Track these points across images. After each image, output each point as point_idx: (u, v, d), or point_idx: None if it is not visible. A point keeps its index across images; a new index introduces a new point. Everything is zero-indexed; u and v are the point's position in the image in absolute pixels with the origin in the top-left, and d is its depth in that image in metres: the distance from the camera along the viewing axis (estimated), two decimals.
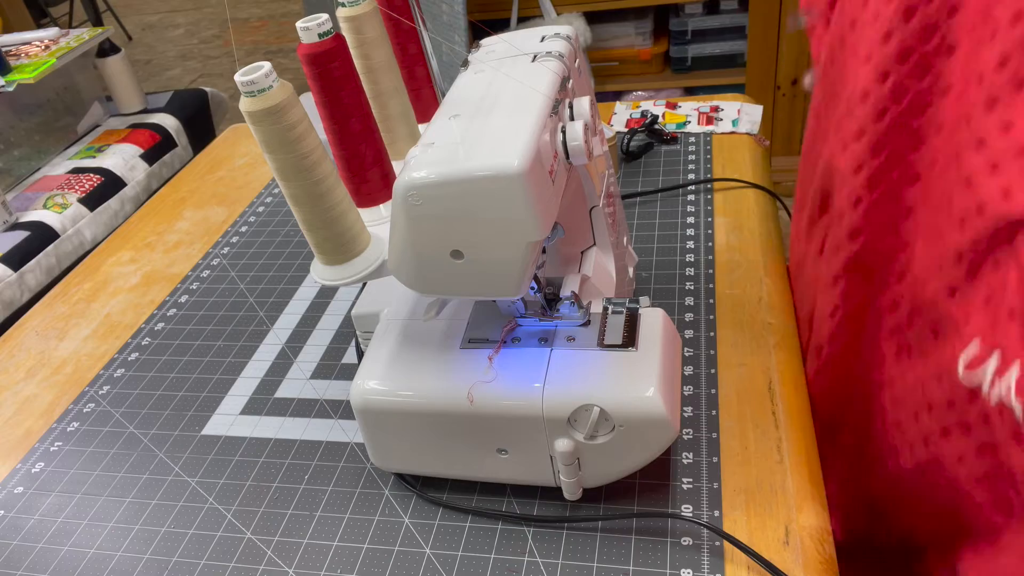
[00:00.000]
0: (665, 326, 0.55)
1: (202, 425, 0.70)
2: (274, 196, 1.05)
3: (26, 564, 0.60)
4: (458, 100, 0.52)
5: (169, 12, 4.44)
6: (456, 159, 0.45)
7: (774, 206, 0.88)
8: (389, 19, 0.59)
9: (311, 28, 0.49)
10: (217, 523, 0.61)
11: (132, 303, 0.89)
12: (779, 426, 0.60)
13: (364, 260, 0.53)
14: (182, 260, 0.95)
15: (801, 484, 0.56)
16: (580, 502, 0.57)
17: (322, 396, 0.71)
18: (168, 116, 1.73)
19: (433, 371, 0.55)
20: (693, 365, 0.66)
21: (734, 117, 1.01)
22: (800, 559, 0.51)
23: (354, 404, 0.56)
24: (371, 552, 0.57)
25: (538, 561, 0.54)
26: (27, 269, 1.31)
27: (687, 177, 0.91)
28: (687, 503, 0.56)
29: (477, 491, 0.60)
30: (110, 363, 0.80)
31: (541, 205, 0.45)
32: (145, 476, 0.66)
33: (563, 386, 0.52)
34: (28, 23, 3.16)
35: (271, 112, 0.46)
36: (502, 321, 0.57)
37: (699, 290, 0.74)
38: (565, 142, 0.51)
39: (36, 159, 1.58)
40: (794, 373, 0.65)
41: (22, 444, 0.72)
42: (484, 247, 0.47)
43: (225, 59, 3.67)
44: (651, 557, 0.53)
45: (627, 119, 1.05)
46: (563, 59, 0.54)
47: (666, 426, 0.51)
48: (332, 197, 0.50)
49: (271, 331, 0.81)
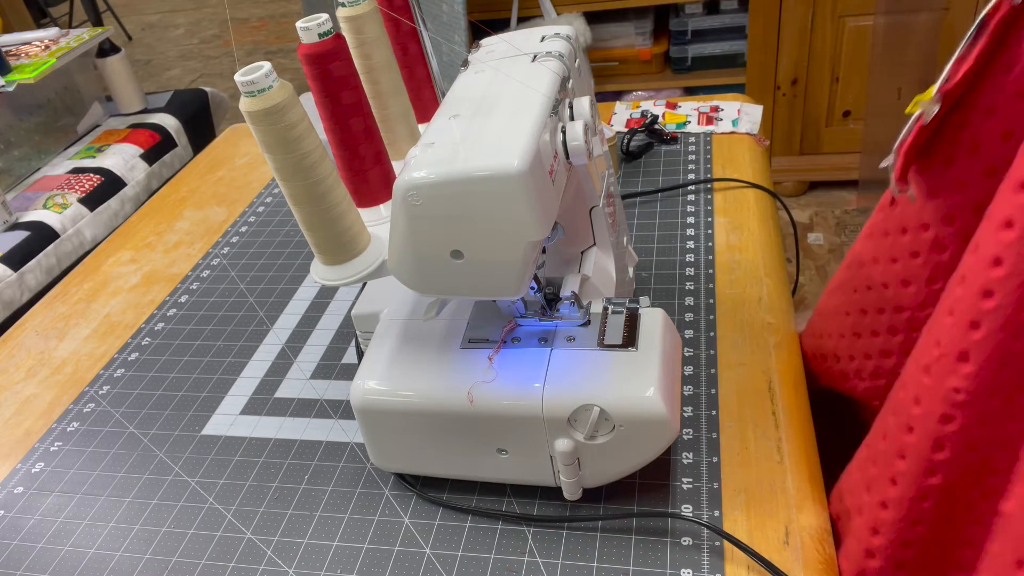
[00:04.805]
0: (665, 326, 0.55)
1: (202, 425, 0.70)
2: (274, 196, 1.05)
3: (26, 564, 0.60)
4: (458, 100, 0.52)
5: (169, 12, 4.44)
6: (456, 159, 0.45)
7: (774, 206, 0.88)
8: (389, 19, 0.59)
9: (311, 28, 0.49)
10: (217, 523, 0.61)
11: (132, 303, 0.89)
12: (779, 426, 0.60)
13: (364, 260, 0.53)
14: (182, 260, 0.95)
15: (801, 484, 0.56)
16: (580, 502, 0.57)
17: (322, 396, 0.71)
18: (168, 116, 1.72)
19: (433, 371, 0.55)
20: (693, 365, 0.66)
21: (734, 117, 1.01)
22: (800, 559, 0.51)
23: (354, 404, 0.56)
24: (371, 552, 0.57)
25: (538, 561, 0.54)
26: (27, 269, 1.31)
27: (687, 177, 0.91)
28: (687, 503, 0.56)
29: (477, 491, 0.60)
30: (110, 363, 0.80)
31: (541, 205, 0.45)
32: (145, 476, 0.66)
33: (563, 386, 0.52)
34: (28, 23, 3.16)
35: (271, 112, 0.46)
36: (502, 321, 0.57)
37: (699, 290, 0.74)
38: (565, 142, 0.51)
39: (36, 159, 1.58)
40: (794, 373, 0.65)
41: (22, 444, 0.72)
42: (484, 247, 0.47)
43: (225, 59, 3.66)
44: (651, 557, 0.53)
45: (627, 119, 1.05)
46: (563, 59, 0.54)
47: (666, 426, 0.51)
48: (332, 197, 0.50)
49: (271, 331, 0.81)
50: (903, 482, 0.48)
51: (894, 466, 0.49)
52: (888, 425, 0.51)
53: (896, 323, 0.60)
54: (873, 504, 0.51)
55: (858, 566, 0.52)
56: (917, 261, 0.56)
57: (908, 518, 0.49)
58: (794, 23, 1.82)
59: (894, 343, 0.61)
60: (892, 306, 0.59)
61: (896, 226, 0.57)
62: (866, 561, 0.52)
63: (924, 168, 0.53)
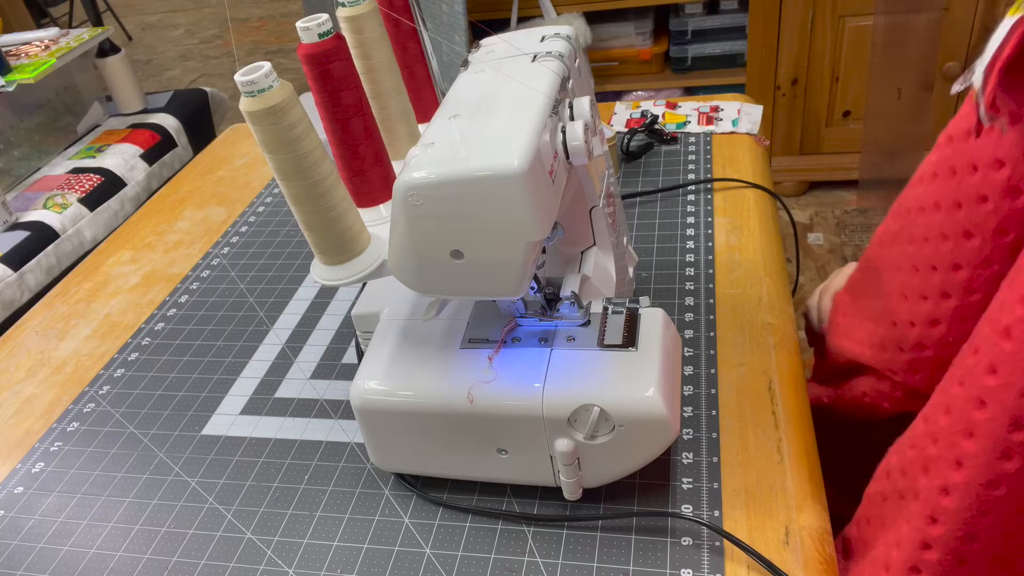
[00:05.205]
0: (665, 326, 0.55)
1: (202, 425, 0.70)
2: (274, 196, 1.05)
3: (26, 564, 0.60)
4: (458, 100, 0.52)
5: (169, 12, 4.44)
6: (456, 159, 0.45)
7: (774, 206, 0.88)
8: (389, 19, 0.59)
9: (311, 28, 0.49)
10: (217, 523, 0.61)
11: (132, 303, 0.89)
12: (779, 426, 0.60)
13: (364, 260, 0.53)
14: (182, 260, 0.95)
15: (801, 484, 0.56)
16: (580, 502, 0.57)
17: (322, 396, 0.71)
18: (168, 116, 1.72)
19: (433, 371, 0.55)
20: (693, 365, 0.66)
21: (734, 117, 1.01)
22: (800, 559, 0.51)
23: (354, 404, 0.56)
24: (371, 552, 0.57)
25: (538, 561, 0.54)
26: (27, 269, 1.31)
27: (687, 177, 0.91)
28: (687, 503, 0.56)
29: (477, 491, 0.60)
30: (110, 363, 0.80)
31: (541, 205, 0.45)
32: (145, 476, 0.66)
33: (563, 386, 0.52)
34: (28, 23, 3.16)
35: (271, 112, 0.46)
36: (502, 321, 0.57)
37: (699, 290, 0.74)
38: (565, 142, 0.51)
39: (36, 159, 1.57)
40: (794, 373, 0.65)
41: (22, 444, 0.72)
42: (484, 247, 0.47)
43: (225, 59, 3.66)
44: (651, 557, 0.53)
45: (627, 119, 1.05)
46: (563, 59, 0.54)
47: (666, 426, 0.51)
48: (332, 197, 0.50)
49: (271, 331, 0.81)
50: (971, 466, 0.42)
51: (960, 446, 0.42)
52: (953, 397, 0.44)
53: (950, 284, 0.52)
54: (932, 489, 0.45)
55: (912, 557, 0.47)
56: (985, 208, 0.48)
57: (976, 507, 0.42)
58: (794, 23, 1.82)
59: (944, 309, 0.53)
60: (949, 263, 0.51)
61: (965, 163, 0.48)
62: (921, 553, 0.46)
63: (1010, 88, 0.42)
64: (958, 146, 0.49)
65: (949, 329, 0.53)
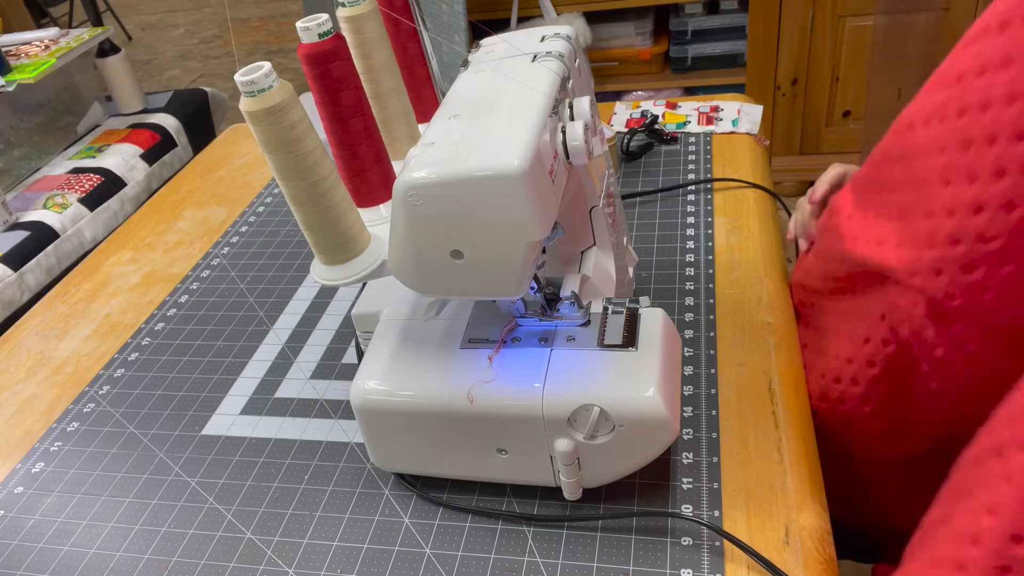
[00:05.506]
0: (665, 326, 0.55)
1: (202, 425, 0.70)
2: (274, 196, 1.05)
3: (26, 564, 0.60)
4: (458, 100, 0.52)
5: (169, 12, 4.44)
6: (456, 159, 0.45)
7: (774, 206, 0.88)
8: (389, 19, 0.59)
9: (311, 28, 0.49)
10: (217, 523, 0.61)
11: (132, 303, 0.89)
12: (779, 426, 0.60)
13: (364, 260, 0.53)
14: (182, 260, 0.95)
15: (801, 484, 0.56)
16: (580, 502, 0.57)
17: (322, 396, 0.71)
18: (168, 116, 1.72)
19: (433, 371, 0.55)
20: (693, 365, 0.66)
21: (734, 117, 1.01)
22: (800, 559, 0.51)
23: (354, 404, 0.56)
24: (371, 552, 0.57)
25: (538, 561, 0.54)
26: (27, 269, 1.31)
27: (687, 177, 0.91)
28: (687, 503, 0.56)
29: (477, 491, 0.60)
30: (110, 363, 0.80)
31: (541, 205, 0.45)
32: (145, 476, 0.66)
33: (563, 386, 0.52)
34: (28, 23, 3.15)
35: (271, 112, 0.46)
36: (502, 321, 0.57)
37: (699, 290, 0.74)
38: (565, 142, 0.51)
39: (36, 159, 1.57)
40: (794, 373, 0.65)
41: (22, 444, 0.72)
42: (484, 247, 0.47)
43: (225, 59, 3.66)
44: (651, 557, 0.53)
45: (627, 119, 1.05)
46: (563, 59, 0.54)
47: (666, 426, 0.51)
48: (332, 197, 0.50)
49: (271, 331, 0.81)
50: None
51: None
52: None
53: (1010, 158, 0.43)
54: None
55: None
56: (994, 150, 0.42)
57: None
58: (794, 23, 1.82)
59: (993, 192, 0.43)
60: (1012, 132, 0.43)
61: (977, 101, 0.42)
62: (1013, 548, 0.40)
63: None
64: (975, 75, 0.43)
65: (991, 220, 0.44)
